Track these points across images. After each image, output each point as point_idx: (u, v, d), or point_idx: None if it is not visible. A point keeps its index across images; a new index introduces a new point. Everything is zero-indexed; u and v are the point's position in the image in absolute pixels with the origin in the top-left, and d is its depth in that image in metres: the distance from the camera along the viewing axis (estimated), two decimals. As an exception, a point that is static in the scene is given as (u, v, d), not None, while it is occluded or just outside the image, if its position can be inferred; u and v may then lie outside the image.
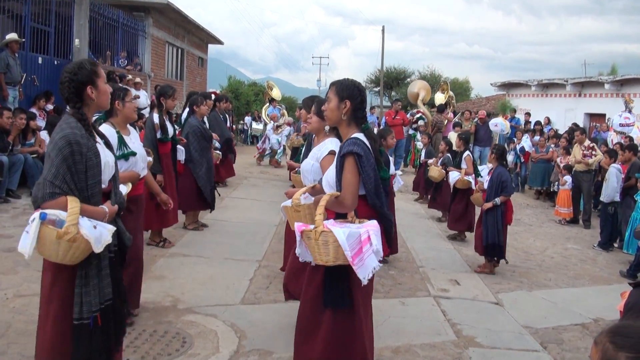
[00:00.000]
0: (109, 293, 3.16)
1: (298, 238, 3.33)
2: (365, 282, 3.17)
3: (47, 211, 3.04)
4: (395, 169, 9.53)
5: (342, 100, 3.54)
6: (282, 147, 16.77)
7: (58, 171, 3.01)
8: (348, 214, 3.46)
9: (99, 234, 3.01)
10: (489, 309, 6.24)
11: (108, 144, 3.39)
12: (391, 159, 9.30)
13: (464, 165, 9.64)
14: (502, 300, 6.52)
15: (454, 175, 9.62)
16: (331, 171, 3.54)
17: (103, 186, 3.24)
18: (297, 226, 3.29)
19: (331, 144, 4.45)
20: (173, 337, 4.70)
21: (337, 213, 3.46)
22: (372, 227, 3.24)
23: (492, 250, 7.61)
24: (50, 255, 3.06)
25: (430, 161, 11.78)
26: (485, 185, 8.03)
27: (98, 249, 3.00)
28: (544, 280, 7.63)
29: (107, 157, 3.27)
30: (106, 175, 3.26)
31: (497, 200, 7.55)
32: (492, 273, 7.65)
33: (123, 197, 3.50)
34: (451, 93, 21.16)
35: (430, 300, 6.29)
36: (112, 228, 3.13)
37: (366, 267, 3.15)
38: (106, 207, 3.21)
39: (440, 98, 20.29)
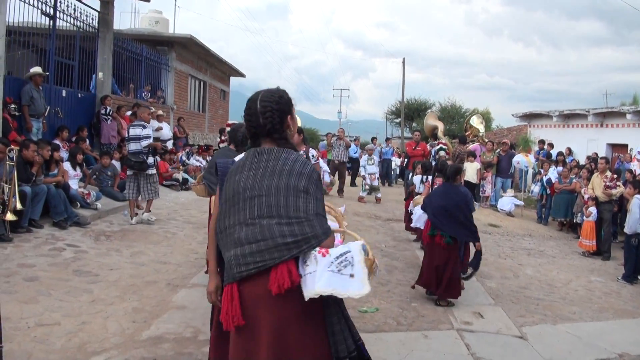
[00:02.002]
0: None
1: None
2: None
3: (360, 243, 2.86)
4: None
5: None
6: None
7: (323, 204, 2.94)
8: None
9: None
10: (513, 342, 6.14)
11: None
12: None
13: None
14: (526, 334, 6.42)
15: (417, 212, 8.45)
16: None
17: None
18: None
19: None
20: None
21: None
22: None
23: None
24: None
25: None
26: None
27: None
28: (568, 314, 7.51)
29: None
30: None
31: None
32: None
33: None
34: (475, 124, 21.05)
35: (453, 334, 6.21)
36: None
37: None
38: None
39: (481, 127, 20.12)
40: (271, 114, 2.99)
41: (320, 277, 2.68)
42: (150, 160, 10.60)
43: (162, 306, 6.27)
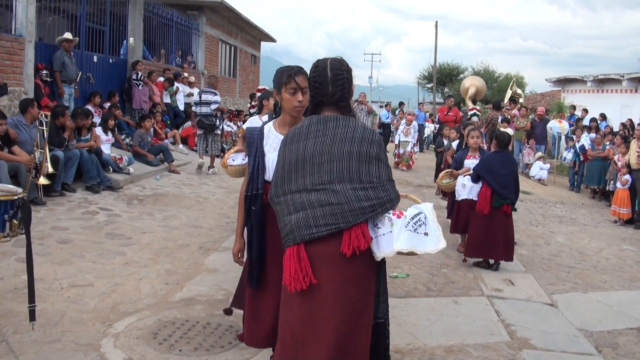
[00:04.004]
0: None
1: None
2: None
3: (431, 204, 3.08)
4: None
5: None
6: None
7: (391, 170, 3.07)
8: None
9: None
10: (543, 310, 6.11)
11: None
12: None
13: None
14: (557, 302, 6.38)
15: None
16: None
17: None
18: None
19: None
20: (226, 330, 4.74)
21: None
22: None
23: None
24: None
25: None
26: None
27: None
28: (599, 282, 7.44)
29: None
30: None
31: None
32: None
33: None
34: (518, 89, 20.71)
35: (483, 300, 6.20)
36: None
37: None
38: None
39: (507, 94, 19.88)
40: (342, 82, 3.07)
41: (398, 237, 2.85)
42: (219, 123, 12.53)
43: (194, 269, 6.35)
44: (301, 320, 2.88)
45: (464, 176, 7.64)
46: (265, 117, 6.70)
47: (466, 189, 7.57)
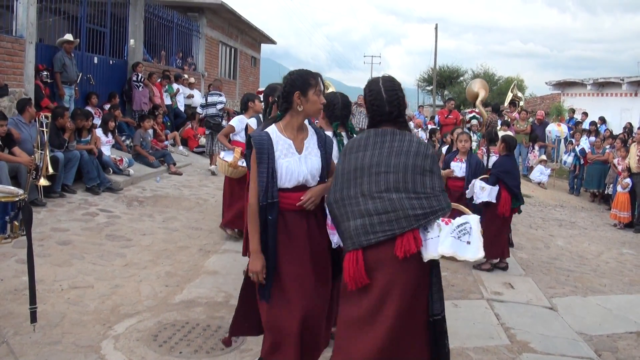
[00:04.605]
0: None
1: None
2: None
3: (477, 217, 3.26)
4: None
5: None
6: None
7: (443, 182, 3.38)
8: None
9: None
10: (543, 313, 6.11)
11: None
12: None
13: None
14: (557, 305, 6.38)
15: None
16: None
17: None
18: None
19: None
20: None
21: None
22: None
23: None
24: None
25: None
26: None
27: None
28: (599, 286, 7.44)
29: None
30: None
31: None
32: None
33: None
34: (518, 92, 20.70)
35: (483, 303, 6.20)
36: None
37: None
38: None
39: (508, 97, 19.84)
40: (397, 101, 3.35)
41: (443, 241, 3.10)
42: (224, 122, 12.98)
43: (194, 271, 6.36)
44: (357, 315, 3.17)
45: (480, 179, 7.62)
46: (253, 120, 6.68)
47: (485, 191, 7.53)
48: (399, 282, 3.10)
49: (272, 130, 3.53)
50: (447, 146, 10.71)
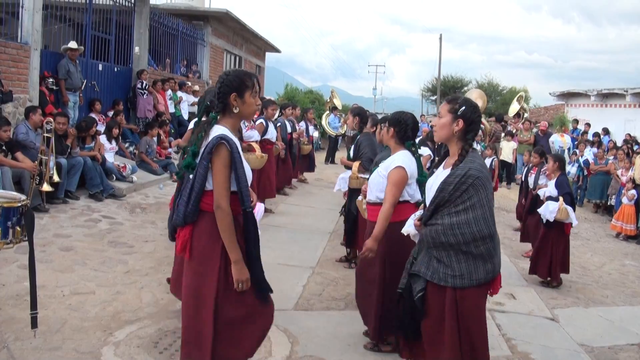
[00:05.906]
0: None
1: None
2: None
3: None
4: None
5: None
6: None
7: None
8: None
9: None
10: (544, 324, 6.11)
11: None
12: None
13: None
14: (558, 316, 6.37)
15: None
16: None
17: None
18: None
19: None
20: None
21: None
22: None
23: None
24: None
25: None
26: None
27: None
28: (601, 297, 7.43)
29: None
30: None
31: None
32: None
33: None
34: (525, 105, 20.70)
35: (484, 313, 6.19)
36: None
37: None
38: None
39: (514, 108, 19.81)
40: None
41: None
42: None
43: (195, 278, 6.34)
44: None
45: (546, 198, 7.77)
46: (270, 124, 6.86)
47: (554, 211, 7.45)
48: None
49: (228, 132, 3.33)
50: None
